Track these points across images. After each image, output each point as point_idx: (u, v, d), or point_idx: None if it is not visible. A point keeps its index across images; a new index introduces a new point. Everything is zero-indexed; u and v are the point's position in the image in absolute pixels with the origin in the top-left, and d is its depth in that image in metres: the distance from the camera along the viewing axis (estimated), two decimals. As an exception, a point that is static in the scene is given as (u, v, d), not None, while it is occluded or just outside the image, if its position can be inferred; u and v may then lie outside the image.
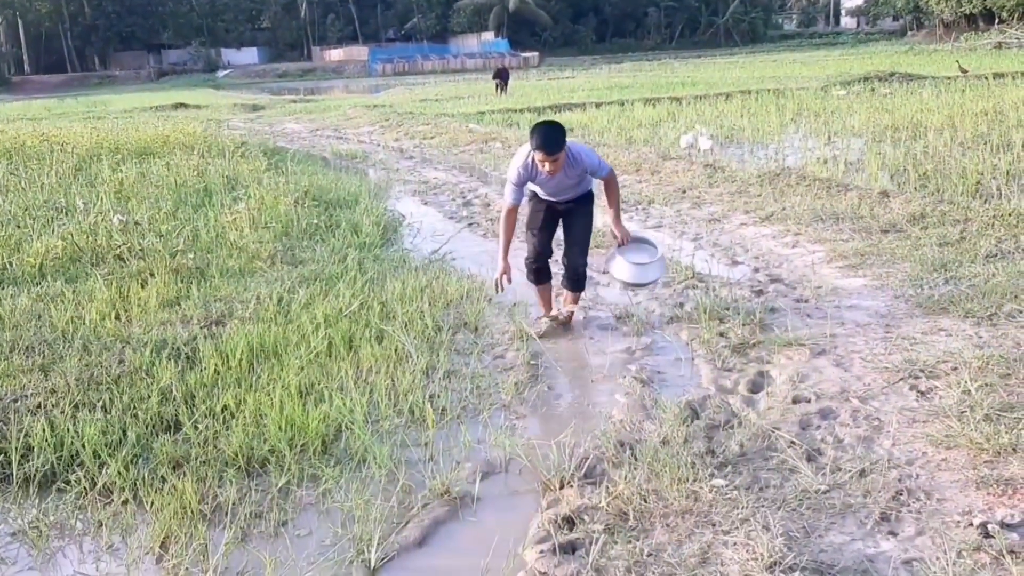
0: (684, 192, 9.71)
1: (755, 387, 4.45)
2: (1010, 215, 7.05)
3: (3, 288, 6.32)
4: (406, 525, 3.37)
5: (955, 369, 4.27)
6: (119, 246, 7.03)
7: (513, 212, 5.23)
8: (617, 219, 5.39)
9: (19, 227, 7.93)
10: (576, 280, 5.53)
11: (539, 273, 5.54)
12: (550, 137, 4.89)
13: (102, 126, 18.18)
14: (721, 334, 5.12)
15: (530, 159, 5.03)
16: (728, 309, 5.48)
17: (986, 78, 22.29)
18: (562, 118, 18.73)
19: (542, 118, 18.41)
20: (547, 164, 4.91)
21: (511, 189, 5.18)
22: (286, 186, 9.74)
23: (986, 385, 4.05)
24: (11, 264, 6.88)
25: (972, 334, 4.82)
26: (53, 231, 7.56)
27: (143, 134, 14.45)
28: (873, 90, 20.82)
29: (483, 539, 3.26)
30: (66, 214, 8.36)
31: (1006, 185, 8.73)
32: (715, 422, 3.99)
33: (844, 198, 8.45)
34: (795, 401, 4.18)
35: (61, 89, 62.20)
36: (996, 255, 6.19)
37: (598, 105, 21.39)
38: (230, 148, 13.35)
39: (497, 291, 5.33)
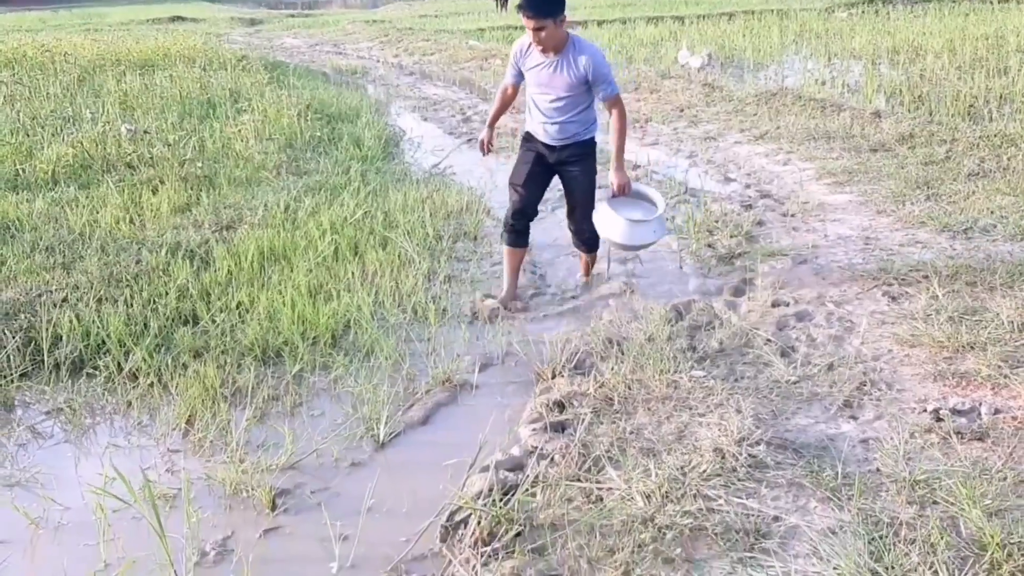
0: (682, 111, 9.85)
1: (738, 292, 4.73)
2: (995, 136, 7.24)
3: (19, 193, 6.53)
4: (411, 407, 3.68)
5: (926, 277, 4.54)
6: (129, 154, 7.21)
7: (506, 90, 4.67)
8: (619, 162, 4.50)
9: (28, 135, 8.08)
10: (588, 241, 4.81)
11: (515, 234, 4.70)
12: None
13: (102, 38, 18.08)
14: (709, 245, 5.38)
15: (527, 38, 4.34)
16: (718, 222, 5.72)
17: (991, 2, 22.07)
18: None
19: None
20: (533, 35, 4.17)
21: (508, 68, 4.59)
22: (289, 99, 9.85)
23: (953, 291, 4.32)
24: (24, 170, 7.08)
25: (947, 246, 5.07)
26: (63, 139, 7.73)
27: (144, 46, 14.42)
28: (877, 12, 20.65)
29: (481, 420, 3.56)
30: (73, 123, 8.50)
31: (997, 108, 8.88)
32: (698, 323, 4.27)
33: (837, 118, 8.62)
34: (774, 305, 4.45)
35: (54, 1, 60.98)
36: (978, 173, 6.40)
37: (600, 23, 21.26)
38: (231, 61, 13.38)
39: (484, 154, 4.83)
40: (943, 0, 23.35)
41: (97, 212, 5.98)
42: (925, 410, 3.33)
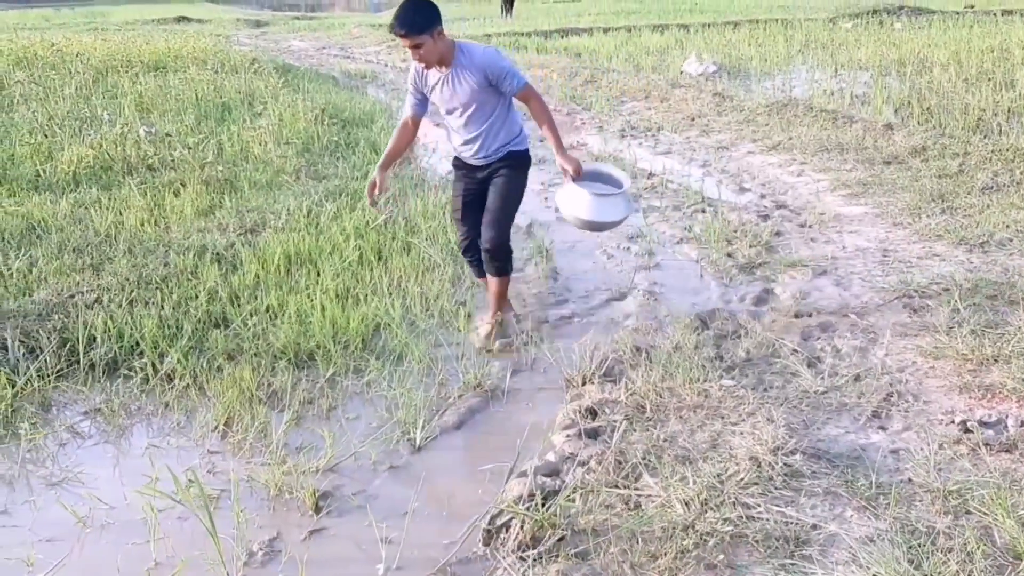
0: (693, 120, 9.93)
1: (760, 302, 4.79)
2: (1008, 150, 7.32)
3: (41, 193, 6.58)
4: (444, 412, 3.74)
5: (946, 290, 4.61)
6: (150, 157, 7.27)
7: (405, 127, 4.31)
8: (559, 145, 4.17)
9: (46, 136, 8.13)
10: (489, 259, 4.34)
11: (476, 265, 4.58)
12: (405, 14, 3.77)
13: (111, 38, 18.12)
14: (729, 254, 5.44)
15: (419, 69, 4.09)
16: (736, 232, 5.79)
17: (994, 14, 22.19)
18: (570, 43, 18.78)
19: (550, 43, 18.33)
20: (413, 54, 3.91)
21: (407, 99, 4.26)
22: (304, 103, 9.91)
23: (974, 304, 4.39)
24: (44, 171, 7.13)
25: (964, 259, 5.15)
26: (83, 140, 7.78)
27: (154, 47, 14.48)
28: (881, 23, 20.77)
29: (513, 425, 3.63)
30: (91, 125, 8.56)
31: (1006, 122, 8.96)
32: (723, 332, 4.33)
33: (849, 130, 8.70)
34: (797, 315, 4.52)
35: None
36: (992, 187, 6.48)
37: (606, 31, 21.35)
38: (242, 64, 13.43)
39: (370, 204, 4.44)
40: (946, 12, 23.54)
41: (121, 214, 6.03)
42: (953, 422, 3.39)
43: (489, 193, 4.32)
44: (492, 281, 4.44)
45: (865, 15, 23.36)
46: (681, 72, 13.32)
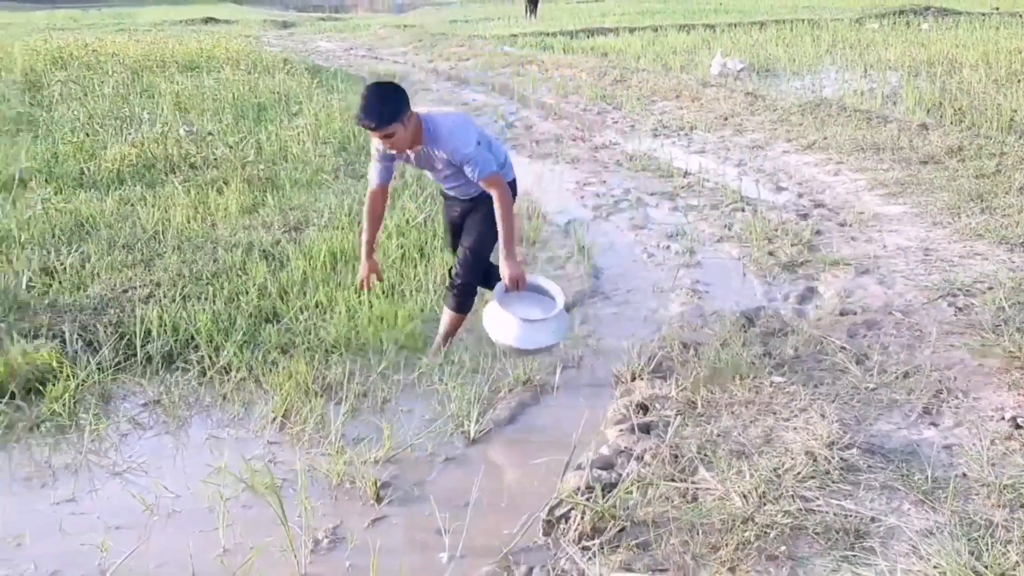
0: (726, 119, 9.95)
1: (804, 300, 4.82)
2: (1045, 151, 7.30)
3: (87, 191, 6.70)
4: (496, 406, 3.80)
5: (990, 288, 4.62)
6: (193, 155, 7.38)
7: (376, 195, 4.01)
8: (508, 249, 3.80)
9: (88, 135, 8.27)
10: (450, 291, 4.16)
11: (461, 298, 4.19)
12: (371, 106, 3.53)
13: (143, 38, 18.34)
14: (770, 253, 5.47)
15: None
16: (776, 230, 5.81)
17: (1020, 16, 22.02)
18: (595, 43, 18.82)
19: (576, 43, 18.33)
20: (384, 143, 3.68)
21: (372, 166, 4.00)
22: (339, 103, 10.01)
23: (1019, 303, 4.40)
24: (89, 169, 7.25)
25: (1006, 259, 5.15)
26: (124, 139, 7.91)
27: (187, 48, 14.67)
28: (908, 24, 20.66)
29: (565, 420, 3.67)
30: (131, 123, 8.69)
31: (1041, 122, 8.92)
32: (769, 329, 4.36)
33: (884, 129, 8.69)
34: (842, 313, 4.54)
35: (81, 0, 61.67)
36: (1031, 188, 6.47)
37: (631, 30, 21.36)
38: (275, 65, 13.57)
39: (363, 292, 4.27)
40: (972, 13, 23.37)
41: (167, 211, 6.13)
42: (1003, 418, 3.41)
43: (465, 227, 4.12)
44: (447, 315, 4.17)
45: (891, 15, 23.23)
46: (715, 75, 13.32)
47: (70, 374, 3.92)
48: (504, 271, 3.81)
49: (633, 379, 3.93)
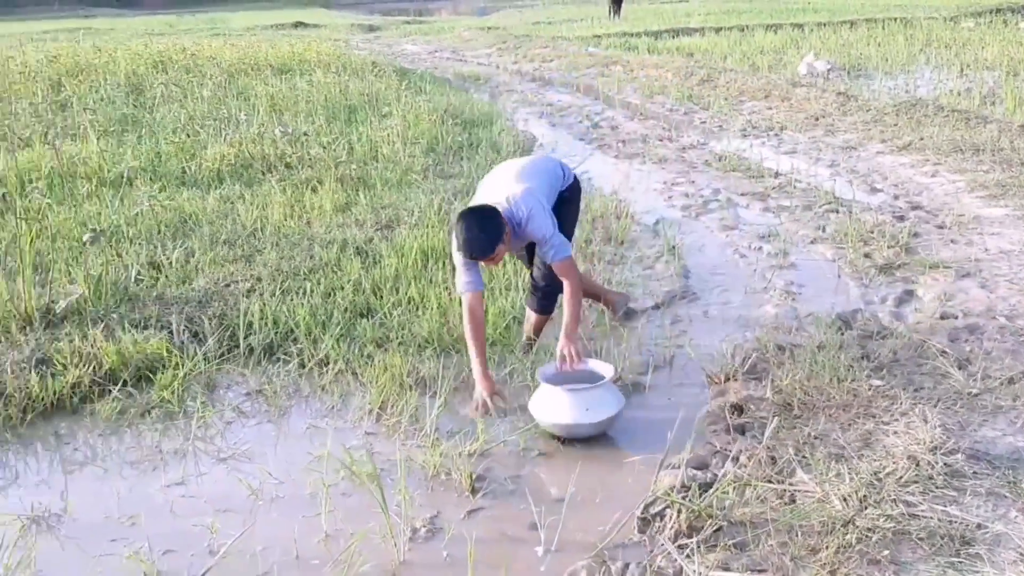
0: (817, 120, 9.76)
1: (902, 303, 4.71)
2: None
3: (189, 189, 6.95)
4: (588, 404, 3.80)
5: (1104, 294, 4.44)
6: (289, 155, 7.59)
7: (474, 303, 3.76)
8: (570, 331, 3.72)
9: (188, 135, 8.57)
10: (539, 300, 4.18)
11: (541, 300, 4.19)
12: (476, 240, 3.54)
13: (237, 43, 18.90)
14: (866, 255, 5.35)
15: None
16: (872, 232, 5.69)
17: None
18: (681, 43, 18.64)
19: (660, 43, 18.13)
20: (487, 264, 3.74)
21: (461, 273, 3.76)
22: (426, 105, 10.16)
23: None
24: (190, 168, 7.52)
25: (1120, 264, 4.94)
26: (223, 139, 8.18)
27: (279, 52, 15.08)
28: (1005, 22, 19.89)
29: (657, 419, 3.66)
30: (228, 124, 8.97)
31: None
32: (867, 332, 4.28)
33: (983, 130, 8.41)
34: (943, 317, 4.43)
35: (176, 6, 63.82)
36: None
37: (717, 30, 21.11)
38: (363, 68, 13.84)
39: (484, 414, 3.71)
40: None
41: (265, 209, 6.32)
42: (1118, 428, 3.28)
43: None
44: (532, 316, 4.25)
45: (987, 13, 22.38)
46: (803, 75, 13.08)
47: (178, 363, 4.08)
48: (561, 345, 3.70)
49: (727, 380, 3.90)
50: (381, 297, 4.81)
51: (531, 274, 4.21)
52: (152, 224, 5.94)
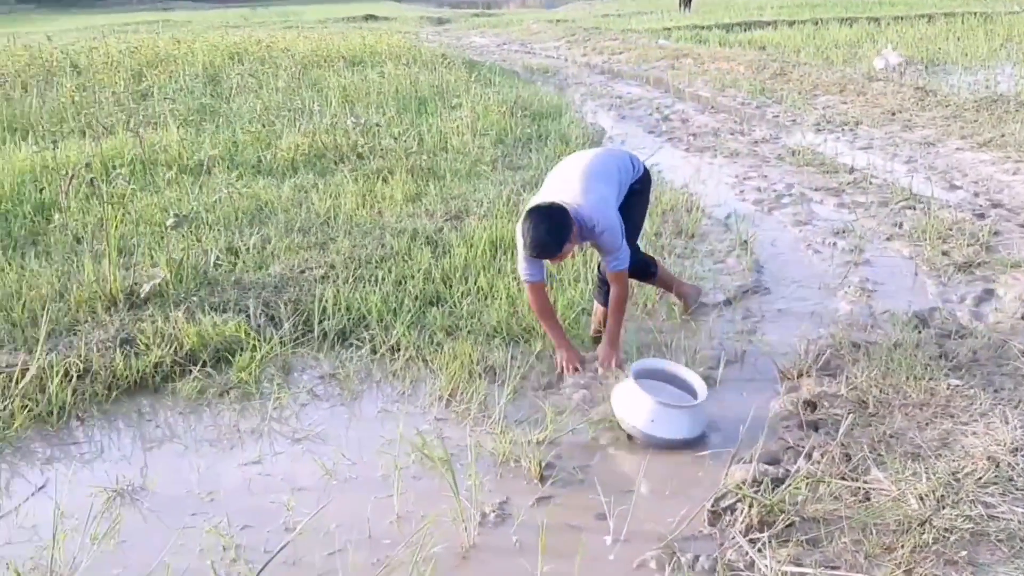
0: (893, 115, 9.53)
1: (982, 303, 4.59)
2: None
3: (264, 177, 7.11)
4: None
5: None
6: (362, 145, 7.71)
7: (539, 290, 3.94)
8: (613, 337, 3.94)
9: (263, 125, 8.75)
10: (603, 289, 4.18)
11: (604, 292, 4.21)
12: (544, 240, 3.56)
13: (310, 35, 19.23)
14: (944, 253, 5.22)
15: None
16: (950, 230, 5.55)
17: None
18: (753, 36, 18.37)
19: (732, 36, 17.90)
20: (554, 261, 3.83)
21: (524, 264, 3.87)
22: (495, 97, 10.21)
23: None
24: (265, 157, 7.69)
25: None
26: (297, 129, 8.34)
27: (351, 44, 15.29)
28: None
29: (727, 413, 3.65)
30: (302, 115, 9.14)
31: None
32: (945, 331, 4.18)
33: (1069, 127, 8.12)
34: (1024, 318, 4.31)
35: (250, -1, 65.04)
36: None
37: (790, 23, 20.77)
38: (433, 60, 13.95)
39: (565, 375, 3.98)
40: None
41: (338, 198, 6.43)
42: None
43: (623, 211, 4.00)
44: (599, 309, 4.32)
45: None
46: (891, 72, 12.79)
47: (255, 346, 4.19)
48: (601, 351, 3.93)
49: (800, 376, 3.86)
50: (451, 286, 4.86)
51: (598, 267, 4.23)
52: (230, 211, 6.09)
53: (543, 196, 3.87)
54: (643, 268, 4.30)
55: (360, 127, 8.18)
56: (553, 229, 3.57)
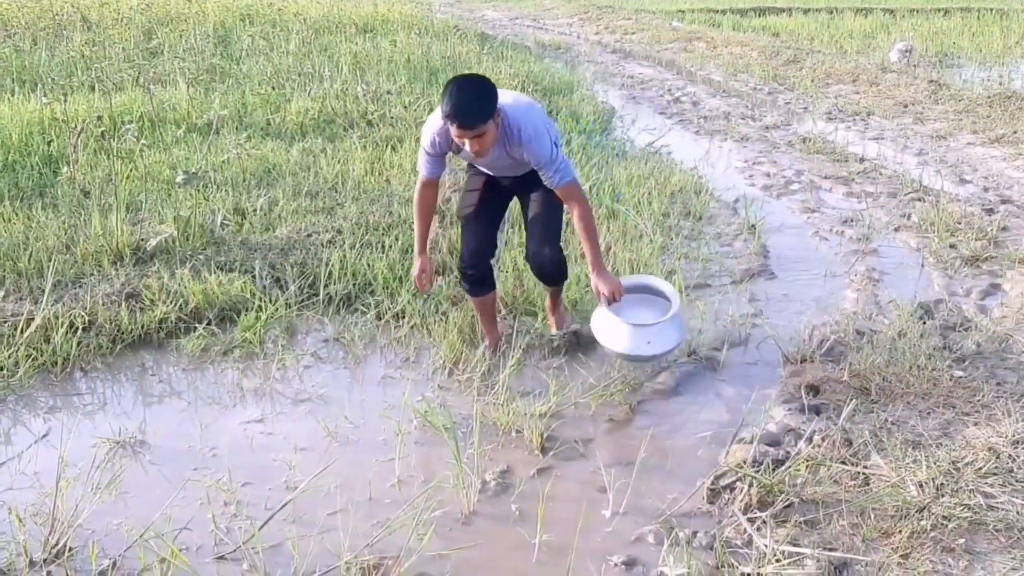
0: (905, 107, 9.49)
1: (987, 296, 4.59)
2: None
3: (273, 140, 7.07)
4: (659, 375, 3.81)
5: None
6: (372, 113, 7.67)
7: (427, 188, 3.62)
8: (596, 262, 3.56)
9: (273, 88, 8.70)
10: (549, 274, 3.83)
11: (475, 282, 3.80)
12: (468, 103, 3.14)
13: (322, 0, 19.06)
14: (952, 246, 5.22)
15: (448, 125, 3.26)
16: (959, 223, 5.54)
17: None
18: (767, 22, 18.24)
19: (746, 21, 17.78)
20: (467, 142, 3.24)
21: (423, 158, 3.54)
22: (507, 71, 10.15)
23: None
24: (274, 120, 7.65)
25: None
26: (307, 94, 8.29)
27: (363, 11, 15.14)
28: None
29: (729, 394, 3.68)
30: (312, 80, 9.08)
31: None
32: (949, 323, 4.18)
33: (1084, 126, 8.09)
34: (1030, 313, 4.31)
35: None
36: None
37: (805, 11, 20.58)
38: (445, 31, 13.85)
39: (421, 293, 4.04)
40: None
41: (346, 164, 6.41)
42: None
43: (531, 204, 3.72)
44: (552, 290, 3.99)
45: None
46: (907, 65, 12.71)
47: (260, 307, 4.19)
48: (600, 287, 3.55)
49: (803, 361, 3.86)
50: (457, 256, 4.84)
51: (528, 250, 3.80)
52: (238, 172, 6.07)
53: None
54: (562, 264, 3.81)
55: (370, 94, 8.13)
56: (483, 95, 3.17)
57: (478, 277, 3.79)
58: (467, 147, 3.26)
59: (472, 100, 3.15)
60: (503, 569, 2.66)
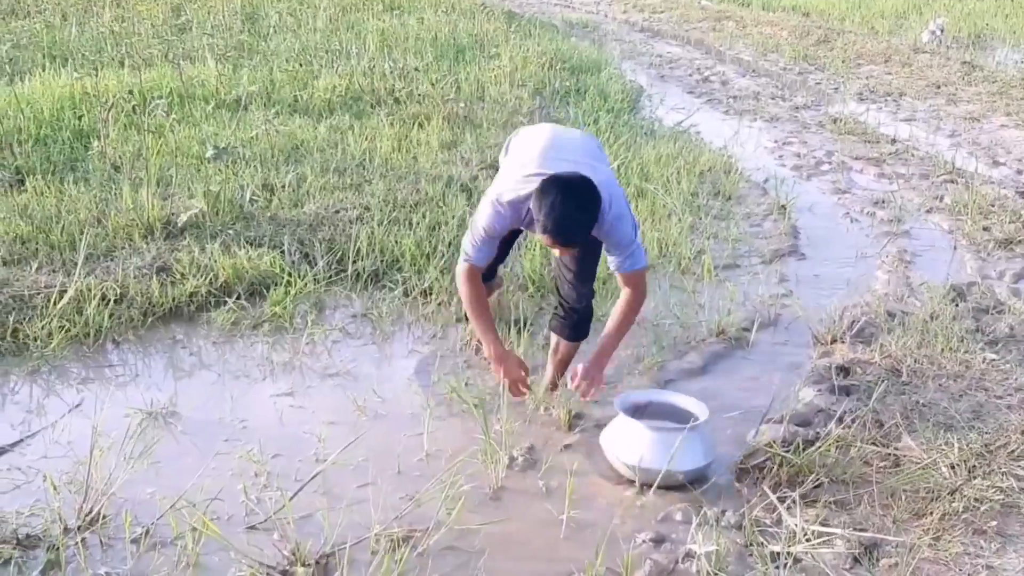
0: (938, 88, 9.36)
1: (1021, 279, 4.54)
2: None
3: (301, 117, 7.08)
4: (687, 354, 3.80)
5: None
6: (399, 90, 7.66)
7: (477, 275, 3.18)
8: (604, 355, 3.19)
9: (301, 65, 8.70)
10: (574, 325, 3.34)
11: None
12: (570, 217, 2.72)
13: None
14: (985, 228, 5.15)
15: (523, 210, 2.95)
16: (992, 206, 5.47)
17: None
18: (797, 2, 17.98)
19: (775, 1, 17.42)
20: (557, 249, 2.92)
21: (477, 239, 3.09)
22: (535, 48, 10.09)
23: None
24: (301, 97, 7.65)
25: None
26: (335, 71, 8.28)
27: (390, -12, 15.11)
28: None
29: (758, 374, 3.66)
30: (340, 57, 9.07)
31: None
32: (982, 306, 4.14)
33: (1121, 109, 7.95)
34: (1065, 297, 4.25)
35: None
36: None
37: (835, -9, 20.25)
38: (473, 9, 13.78)
39: (520, 399, 3.34)
40: None
41: (373, 141, 6.40)
42: None
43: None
44: (565, 346, 3.38)
45: None
46: (938, 45, 12.52)
47: (289, 281, 4.21)
48: (587, 370, 3.11)
49: (833, 342, 3.84)
50: (485, 234, 4.84)
51: (559, 291, 3.39)
52: (266, 148, 6.08)
53: (524, 168, 3.01)
54: (586, 318, 3.38)
55: (398, 72, 8.11)
56: (587, 206, 2.75)
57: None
58: (555, 251, 2.96)
59: (575, 213, 2.72)
60: (531, 544, 2.67)
